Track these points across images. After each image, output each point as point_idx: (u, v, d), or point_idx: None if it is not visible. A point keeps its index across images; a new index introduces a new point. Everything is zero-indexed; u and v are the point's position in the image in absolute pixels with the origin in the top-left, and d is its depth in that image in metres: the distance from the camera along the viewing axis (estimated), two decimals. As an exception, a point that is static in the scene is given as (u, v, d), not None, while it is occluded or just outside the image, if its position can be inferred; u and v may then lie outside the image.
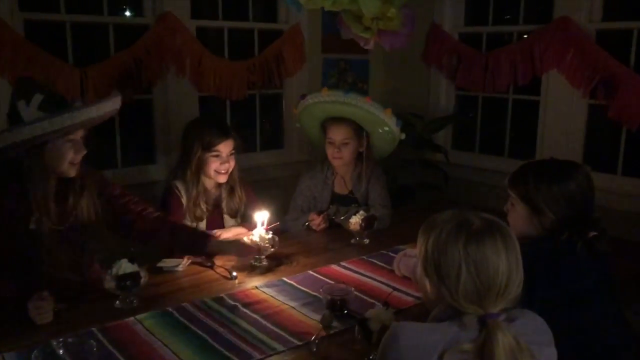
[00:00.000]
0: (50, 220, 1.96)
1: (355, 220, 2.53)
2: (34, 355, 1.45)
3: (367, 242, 2.58)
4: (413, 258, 2.05)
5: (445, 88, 4.20)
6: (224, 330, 1.74)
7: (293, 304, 1.92)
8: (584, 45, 3.29)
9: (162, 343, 1.65)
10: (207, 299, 1.95)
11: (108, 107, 1.99)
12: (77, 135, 1.97)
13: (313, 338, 1.68)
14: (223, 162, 2.52)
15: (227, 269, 2.20)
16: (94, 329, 1.72)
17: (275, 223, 2.37)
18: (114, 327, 1.74)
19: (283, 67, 3.85)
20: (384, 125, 2.75)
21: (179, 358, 1.58)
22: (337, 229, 2.70)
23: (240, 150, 2.64)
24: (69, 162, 1.97)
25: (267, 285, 2.08)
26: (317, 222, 2.73)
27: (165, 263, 2.22)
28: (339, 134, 2.78)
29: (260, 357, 1.60)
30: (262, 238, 2.25)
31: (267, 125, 4.13)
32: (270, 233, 2.29)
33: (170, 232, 2.19)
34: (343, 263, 2.31)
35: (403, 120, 3.62)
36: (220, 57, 3.65)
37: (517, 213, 1.79)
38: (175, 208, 2.51)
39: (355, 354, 1.61)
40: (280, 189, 3.46)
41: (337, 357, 1.62)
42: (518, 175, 1.79)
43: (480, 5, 3.96)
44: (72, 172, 2.01)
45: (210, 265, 2.25)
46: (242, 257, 2.20)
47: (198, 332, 1.73)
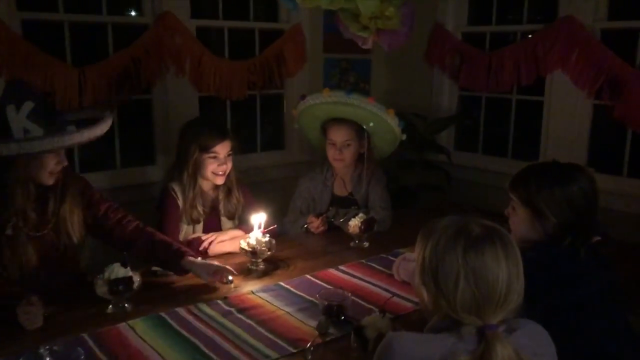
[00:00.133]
0: (28, 227, 1.95)
1: (355, 223, 2.49)
2: (20, 363, 1.42)
3: (366, 245, 2.54)
4: (413, 262, 2.00)
5: (448, 88, 4.15)
6: (218, 337, 1.70)
7: (289, 310, 1.88)
8: (589, 45, 3.24)
9: (153, 350, 1.62)
10: (201, 304, 1.91)
11: (98, 131, 1.98)
12: (60, 148, 1.94)
13: (308, 345, 1.64)
14: (220, 163, 2.48)
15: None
16: (85, 335, 1.68)
17: (273, 226, 2.33)
18: (105, 332, 1.71)
19: (284, 67, 3.81)
20: (387, 126, 2.70)
21: (170, 366, 1.54)
22: (336, 232, 2.65)
23: (238, 152, 2.60)
24: (49, 171, 1.95)
25: (263, 290, 2.04)
26: (315, 224, 2.68)
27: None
28: (341, 135, 2.74)
29: (254, 365, 1.56)
30: (258, 241, 2.21)
31: (268, 127, 4.09)
32: (267, 236, 2.25)
33: (148, 245, 2.15)
34: (341, 267, 2.27)
35: (405, 121, 3.57)
36: (221, 57, 3.62)
37: (518, 217, 1.74)
38: (172, 210, 2.47)
39: (351, 362, 1.57)
40: (281, 190, 3.43)
41: (332, 365, 1.58)
42: (519, 179, 1.74)
43: (484, 5, 3.91)
44: (50, 181, 1.99)
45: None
46: (212, 280, 2.12)
47: (191, 338, 1.69)
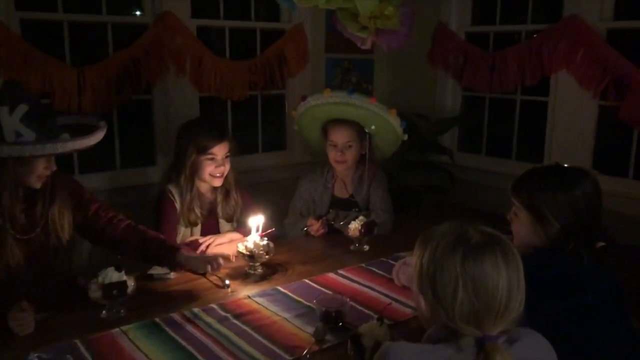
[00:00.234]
0: (15, 229, 1.92)
1: (355, 226, 2.45)
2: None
3: (366, 248, 2.50)
4: (413, 267, 1.97)
5: (452, 88, 4.11)
6: (212, 344, 1.66)
7: (286, 315, 1.84)
8: (595, 45, 3.19)
9: (146, 357, 1.58)
10: (197, 309, 1.88)
11: (91, 141, 1.95)
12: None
13: (304, 353, 1.61)
14: (218, 165, 2.45)
15: (220, 277, 2.13)
16: (77, 341, 1.65)
17: (271, 229, 2.29)
18: (97, 339, 1.67)
19: (285, 67, 3.78)
20: (390, 127, 2.67)
21: (163, 373, 1.51)
22: (336, 235, 2.61)
23: (237, 153, 2.57)
24: (37, 175, 1.93)
25: (260, 295, 2.00)
26: (315, 227, 2.65)
27: (157, 270, 2.15)
28: (342, 137, 2.70)
29: (248, 372, 1.53)
30: (256, 245, 2.18)
31: (269, 128, 4.06)
32: (265, 239, 2.22)
33: (140, 243, 2.12)
34: (340, 271, 2.23)
35: (408, 121, 3.53)
36: (222, 57, 3.59)
37: (520, 222, 1.70)
38: (169, 213, 2.44)
39: (348, 371, 1.54)
40: (282, 191, 3.39)
41: (329, 373, 1.55)
42: (521, 182, 1.70)
43: (488, 4, 3.87)
44: (38, 184, 1.96)
45: (203, 273, 2.18)
46: (203, 272, 2.11)
47: (185, 345, 1.66)
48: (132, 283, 1.85)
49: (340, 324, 1.74)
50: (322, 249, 2.52)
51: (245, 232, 2.37)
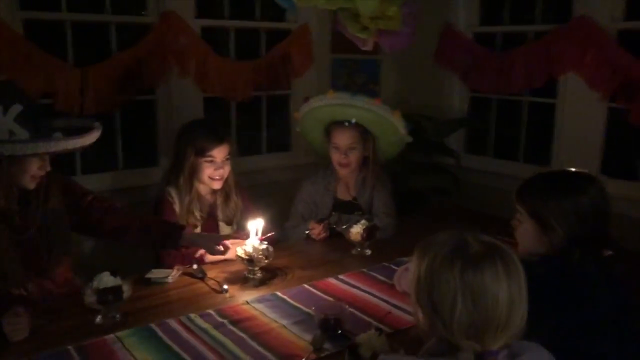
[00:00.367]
0: (10, 229, 1.90)
1: (356, 230, 2.41)
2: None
3: (368, 253, 2.45)
4: (413, 273, 1.92)
5: (458, 89, 4.06)
6: (208, 351, 1.63)
7: (284, 322, 1.80)
8: (605, 46, 3.13)
9: (139, 364, 1.56)
10: (193, 315, 1.84)
11: (86, 141, 1.92)
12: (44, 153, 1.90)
13: (301, 361, 1.57)
14: (217, 168, 2.42)
15: (218, 282, 2.10)
16: (70, 347, 1.62)
17: (270, 233, 2.25)
18: (91, 345, 1.64)
19: (290, 67, 3.74)
20: (393, 128, 2.62)
21: (156, 382, 1.48)
22: (338, 239, 2.57)
23: (237, 155, 2.54)
24: (31, 175, 1.91)
25: (258, 300, 1.96)
26: (317, 231, 2.61)
27: (154, 274, 2.12)
28: (346, 139, 2.66)
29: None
30: (255, 249, 2.14)
31: (274, 129, 4.02)
32: (265, 243, 2.18)
33: (142, 226, 2.11)
34: (341, 276, 2.19)
35: (413, 123, 3.49)
36: (226, 57, 3.55)
37: (524, 229, 1.65)
38: (168, 215, 2.40)
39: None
40: (286, 193, 3.35)
41: (326, 383, 1.51)
42: (525, 189, 1.66)
43: (496, 4, 3.81)
44: (31, 185, 1.94)
45: (202, 277, 2.15)
46: (211, 254, 2.13)
47: (180, 352, 1.62)
48: (127, 288, 1.82)
49: (339, 332, 1.71)
50: (323, 253, 2.48)
51: (246, 235, 2.33)
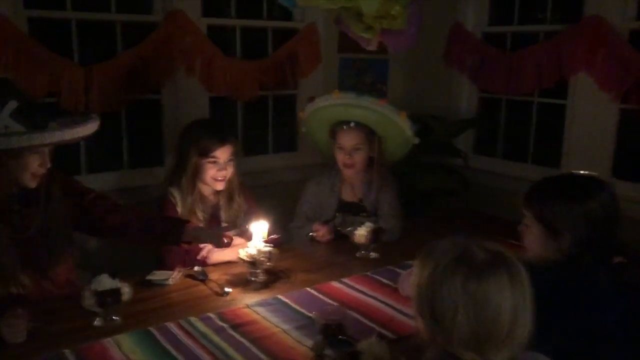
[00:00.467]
0: (10, 228, 1.88)
1: (361, 233, 2.36)
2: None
3: (373, 256, 2.41)
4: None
5: (467, 90, 4.00)
6: (207, 356, 1.60)
7: (285, 327, 1.77)
8: (616, 46, 3.07)
9: (136, 369, 1.53)
10: (193, 318, 1.81)
11: (83, 132, 1.89)
12: (44, 148, 1.87)
13: (301, 368, 1.54)
14: (220, 168, 2.38)
15: (219, 284, 2.07)
16: (66, 351, 1.60)
17: (273, 235, 2.21)
18: (88, 349, 1.62)
19: (297, 67, 3.71)
20: (399, 129, 2.58)
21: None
22: (342, 241, 2.52)
23: (241, 155, 2.50)
24: (32, 173, 1.88)
25: (259, 304, 1.93)
26: (321, 233, 2.57)
27: (155, 276, 2.10)
28: (351, 139, 2.62)
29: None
30: (258, 251, 2.10)
31: (280, 129, 3.99)
32: (268, 246, 2.14)
33: (143, 223, 2.08)
34: (345, 280, 2.15)
35: (422, 123, 3.43)
36: (232, 56, 3.53)
37: (532, 234, 1.61)
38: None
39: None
40: (292, 194, 3.32)
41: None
42: (533, 193, 1.61)
43: (505, 4, 3.76)
44: (32, 183, 1.91)
45: (203, 279, 2.12)
46: (217, 246, 2.12)
47: (178, 357, 1.59)
48: (127, 290, 1.79)
49: (341, 338, 1.67)
50: (327, 256, 2.45)
51: (249, 237, 2.30)
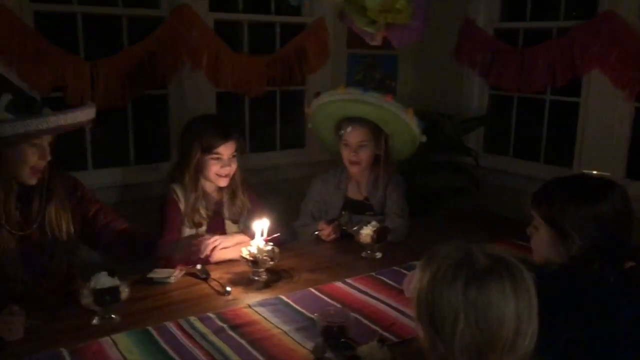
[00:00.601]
0: (10, 225, 1.86)
1: (366, 232, 2.32)
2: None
3: (379, 255, 2.37)
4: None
5: (478, 87, 3.94)
6: (205, 357, 1.57)
7: (286, 328, 1.73)
8: (631, 43, 3.00)
9: (132, 370, 1.50)
10: (193, 318, 1.78)
11: (78, 117, 1.86)
12: (43, 141, 1.85)
13: (301, 371, 1.50)
14: (224, 165, 2.35)
15: (221, 283, 2.04)
16: (63, 350, 1.57)
17: (276, 234, 2.18)
18: (84, 348, 1.59)
19: (305, 62, 3.66)
20: (406, 127, 2.53)
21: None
22: (347, 240, 2.48)
23: (247, 151, 2.47)
24: (31, 167, 1.85)
25: (261, 304, 1.89)
26: (326, 232, 2.52)
27: (156, 274, 2.06)
28: (356, 136, 2.58)
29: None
30: (260, 250, 2.07)
31: (288, 125, 3.95)
32: (271, 244, 2.11)
33: (127, 244, 2.06)
34: (348, 280, 2.11)
35: (431, 121, 3.37)
36: (239, 52, 3.49)
37: (540, 237, 1.56)
38: (172, 213, 2.35)
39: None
40: (301, 191, 3.28)
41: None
42: (542, 194, 1.56)
43: (517, -1, 3.70)
44: (32, 180, 1.89)
45: (205, 278, 2.09)
46: (192, 259, 2.08)
47: (175, 357, 1.56)
48: (125, 289, 1.77)
49: (342, 340, 1.63)
50: (331, 255, 2.41)
51: (253, 234, 2.26)
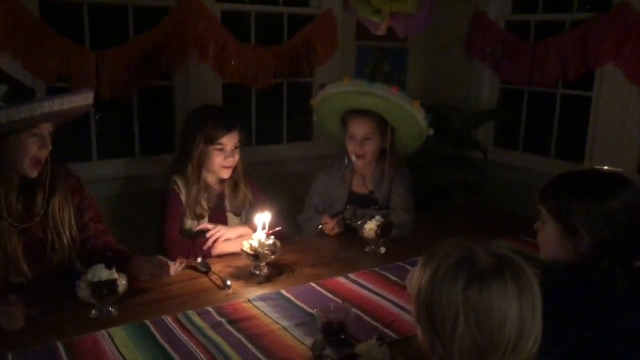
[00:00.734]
0: (12, 217, 1.84)
1: (370, 227, 2.28)
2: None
3: (383, 250, 2.33)
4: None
5: (489, 80, 3.88)
6: (200, 353, 1.54)
7: (285, 324, 1.70)
8: (646, 36, 2.93)
9: (126, 364, 1.48)
10: (191, 312, 1.75)
11: (73, 101, 1.83)
12: (43, 130, 1.83)
13: (298, 368, 1.47)
14: (227, 156, 2.32)
15: (221, 277, 2.01)
16: (58, 343, 1.55)
17: (278, 227, 2.14)
18: (79, 342, 1.56)
19: (313, 54, 3.61)
20: (412, 119, 2.48)
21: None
22: (352, 234, 2.44)
23: (246, 144, 2.43)
24: (31, 158, 1.83)
25: (261, 299, 1.86)
26: (330, 226, 2.49)
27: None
28: (361, 129, 2.53)
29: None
30: (261, 244, 2.03)
31: (295, 117, 3.91)
32: (272, 238, 2.08)
33: (100, 259, 1.97)
34: (351, 275, 2.07)
35: (440, 114, 3.31)
36: (246, 43, 3.45)
37: (547, 233, 1.50)
38: (173, 205, 2.32)
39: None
40: (307, 185, 3.24)
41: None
42: (550, 189, 1.50)
43: (530, -9, 3.63)
44: (33, 172, 1.87)
45: (205, 271, 2.07)
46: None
47: (171, 352, 1.54)
48: (123, 282, 1.74)
49: (342, 337, 1.60)
50: (334, 250, 2.37)
51: (256, 227, 2.23)
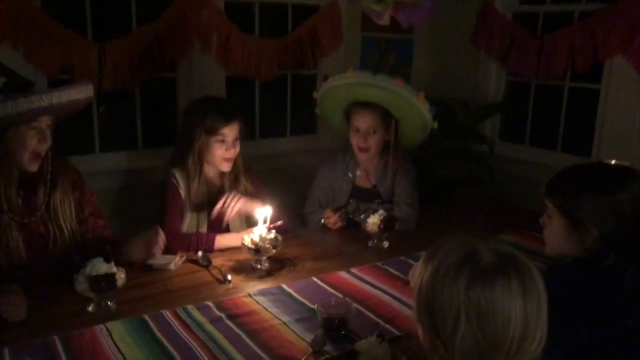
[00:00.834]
0: (12, 212, 1.83)
1: (373, 221, 2.25)
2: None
3: (386, 245, 2.30)
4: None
5: (495, 73, 3.82)
6: (199, 348, 1.52)
7: (285, 319, 1.67)
8: (656, 28, 2.87)
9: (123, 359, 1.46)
10: (190, 306, 1.73)
11: (72, 94, 1.81)
12: (42, 123, 1.81)
13: (298, 364, 1.44)
14: (228, 147, 2.29)
15: (222, 271, 1.99)
16: (55, 337, 1.53)
17: (279, 221, 2.11)
18: (78, 336, 1.55)
19: (318, 46, 3.58)
20: (417, 111, 2.45)
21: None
22: (355, 229, 2.40)
23: (248, 137, 2.40)
24: (31, 152, 1.82)
25: (261, 293, 1.84)
26: (332, 220, 2.46)
27: (157, 260, 2.02)
28: (365, 121, 2.50)
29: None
30: (262, 238, 2.01)
31: (299, 110, 3.87)
32: (273, 232, 2.05)
33: (94, 250, 1.96)
34: (353, 270, 2.04)
35: (446, 107, 3.27)
36: (250, 34, 3.42)
37: (553, 227, 1.47)
38: (173, 199, 2.29)
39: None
40: (311, 178, 3.21)
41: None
42: (557, 182, 1.47)
43: (537, -18, 3.57)
44: (33, 166, 1.85)
45: (206, 265, 2.05)
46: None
47: (169, 347, 1.52)
48: (122, 276, 1.72)
49: (343, 333, 1.57)
50: (337, 244, 2.34)
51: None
